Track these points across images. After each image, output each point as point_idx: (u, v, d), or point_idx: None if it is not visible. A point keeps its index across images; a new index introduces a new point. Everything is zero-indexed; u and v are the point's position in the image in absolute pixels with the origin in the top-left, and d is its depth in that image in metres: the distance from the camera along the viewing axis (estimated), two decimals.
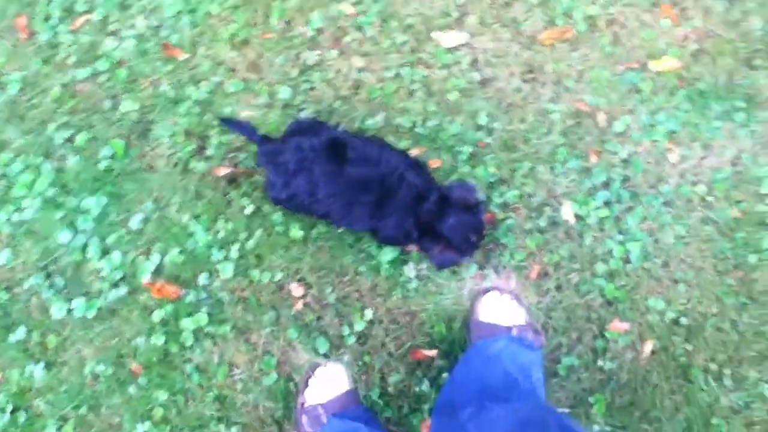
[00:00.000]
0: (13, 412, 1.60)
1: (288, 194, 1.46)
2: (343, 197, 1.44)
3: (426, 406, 1.61)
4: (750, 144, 1.76)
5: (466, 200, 1.44)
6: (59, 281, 1.61)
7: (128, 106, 1.69)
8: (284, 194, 1.47)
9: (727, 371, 1.67)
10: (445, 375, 1.64)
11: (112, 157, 1.67)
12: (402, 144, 1.70)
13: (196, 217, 1.66)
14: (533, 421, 1.16)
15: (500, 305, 1.59)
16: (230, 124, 1.62)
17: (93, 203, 1.63)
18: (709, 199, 1.74)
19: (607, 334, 1.66)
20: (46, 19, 1.74)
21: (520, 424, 1.15)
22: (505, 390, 1.37)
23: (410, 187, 1.45)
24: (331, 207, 1.46)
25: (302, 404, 1.58)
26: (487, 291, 1.64)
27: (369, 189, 1.44)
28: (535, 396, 1.44)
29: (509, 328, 1.54)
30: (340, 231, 1.66)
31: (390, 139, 1.71)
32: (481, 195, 1.48)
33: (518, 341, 1.49)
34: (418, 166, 1.51)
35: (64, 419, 1.60)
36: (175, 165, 1.67)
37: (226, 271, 1.62)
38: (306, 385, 1.59)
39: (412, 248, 1.62)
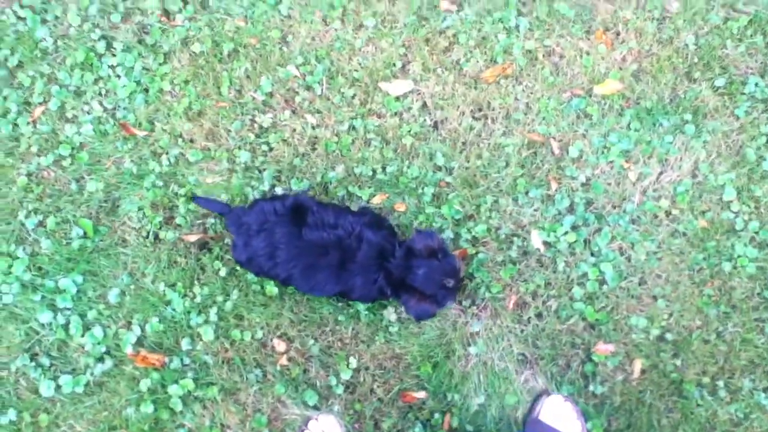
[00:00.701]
0: None
1: (248, 256, 1.50)
2: (304, 262, 1.47)
3: None
4: (704, 154, 1.80)
5: (430, 247, 1.45)
6: (45, 360, 1.61)
7: (94, 186, 1.72)
8: (244, 256, 1.51)
9: (720, 383, 1.64)
10: (437, 416, 1.60)
11: (84, 236, 1.68)
12: (365, 192, 1.72)
13: (172, 285, 1.67)
14: None
15: (562, 411, 1.62)
16: (201, 201, 1.69)
17: (69, 283, 1.66)
18: (675, 212, 1.76)
19: (594, 358, 1.64)
20: (4, 114, 1.81)
21: None
22: None
23: (370, 244, 1.47)
24: (291, 271, 1.49)
25: None
26: (550, 393, 1.65)
27: (328, 252, 1.47)
28: None
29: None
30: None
31: (353, 188, 1.73)
32: (441, 240, 1.51)
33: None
34: (376, 223, 1.54)
35: None
36: (146, 237, 1.69)
37: (207, 334, 1.62)
38: None
39: None
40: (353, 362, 1.63)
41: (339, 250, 1.44)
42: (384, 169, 1.78)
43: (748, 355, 1.67)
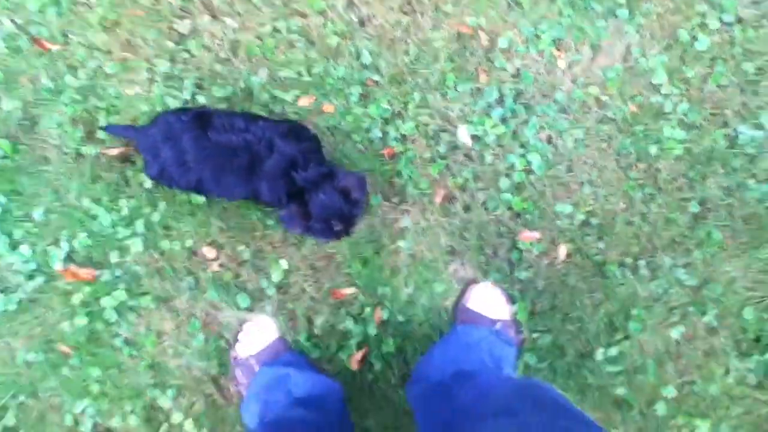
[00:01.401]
0: None
1: (158, 168, 1.49)
2: (213, 163, 1.46)
3: (352, 342, 1.64)
4: (637, 38, 1.76)
5: (347, 188, 1.43)
6: None
7: (10, 104, 1.68)
8: (155, 169, 1.50)
9: (642, 262, 1.69)
10: (367, 310, 1.65)
11: (4, 156, 1.64)
12: (290, 94, 1.68)
13: (97, 199, 1.66)
14: (526, 386, 1.16)
15: (490, 297, 1.65)
16: (111, 129, 1.66)
17: None
18: (604, 98, 1.74)
19: (520, 245, 1.67)
20: None
21: (512, 390, 1.16)
22: (481, 372, 1.42)
23: (281, 154, 1.46)
24: (201, 174, 1.47)
25: (235, 358, 1.63)
26: (478, 281, 1.69)
27: (237, 155, 1.45)
28: None
29: (494, 321, 1.61)
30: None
31: (277, 92, 1.69)
32: (364, 191, 1.49)
33: (498, 334, 1.55)
34: (294, 134, 1.50)
35: (4, 408, 1.66)
36: (67, 153, 1.66)
37: (136, 246, 1.63)
38: (236, 339, 1.65)
39: None
40: (284, 264, 1.65)
41: (248, 154, 1.43)
42: (309, 70, 1.73)
43: (670, 234, 1.71)
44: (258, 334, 1.63)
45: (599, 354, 1.69)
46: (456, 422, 1.26)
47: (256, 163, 1.45)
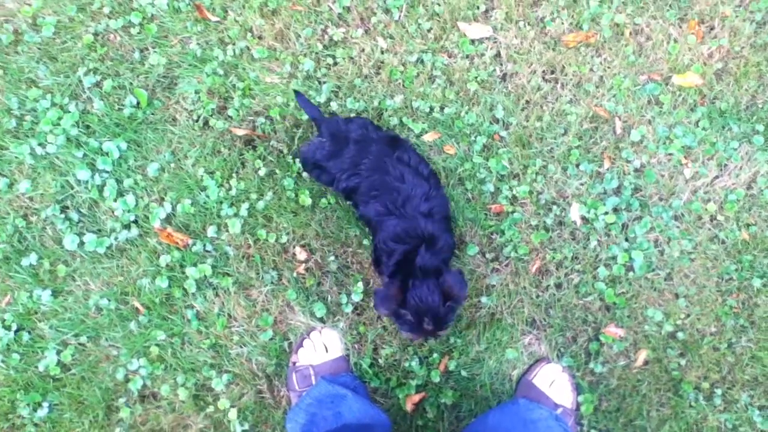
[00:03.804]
0: (17, 331, 1.71)
1: (331, 164, 1.55)
2: (382, 177, 1.50)
3: (413, 383, 1.61)
4: (767, 168, 1.73)
5: (452, 290, 1.43)
6: (74, 215, 1.66)
7: (156, 59, 1.73)
8: (329, 162, 1.55)
9: (718, 391, 1.64)
10: (435, 355, 1.64)
11: (137, 106, 1.70)
12: (418, 126, 1.70)
13: (211, 172, 1.69)
14: None
15: (558, 380, 1.66)
16: (301, 99, 1.70)
17: (114, 147, 1.68)
18: (720, 218, 1.72)
19: (601, 338, 1.65)
20: None
21: None
22: None
23: (433, 226, 1.49)
24: (364, 181, 1.51)
25: (294, 363, 1.65)
26: (550, 360, 1.70)
27: (395, 190, 1.49)
28: None
29: (556, 405, 1.62)
30: (348, 203, 1.66)
31: (407, 120, 1.71)
32: (464, 296, 1.46)
33: (558, 419, 1.55)
34: (447, 227, 1.56)
35: (64, 344, 1.69)
36: (196, 120, 1.71)
37: (235, 227, 1.64)
38: (300, 345, 1.68)
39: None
40: (366, 286, 1.64)
41: (403, 197, 1.48)
42: (442, 109, 1.77)
43: (753, 371, 1.67)
44: (323, 346, 1.61)
45: None
46: None
47: (401, 209, 1.48)
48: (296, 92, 1.70)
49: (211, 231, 1.72)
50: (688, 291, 1.75)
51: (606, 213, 1.78)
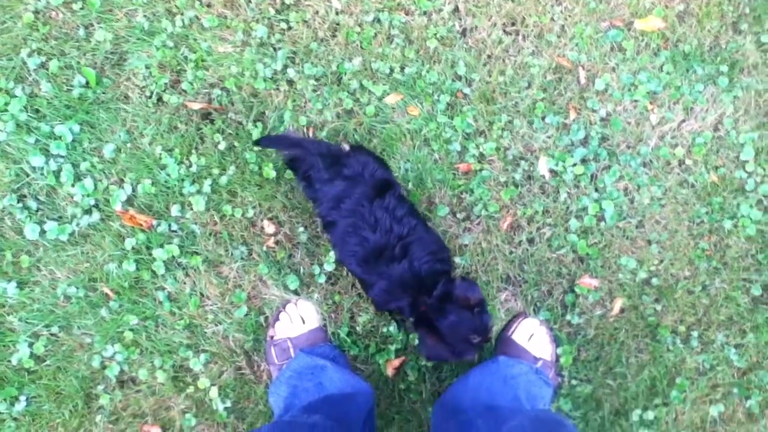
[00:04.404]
0: None
1: (324, 191, 1.48)
2: (354, 222, 1.44)
3: (392, 347, 1.60)
4: (732, 110, 1.73)
5: (467, 299, 1.41)
6: (32, 204, 1.61)
7: (102, 35, 1.66)
8: (324, 188, 1.48)
9: (694, 333, 1.66)
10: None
11: (86, 85, 1.64)
12: (379, 89, 1.65)
13: (169, 149, 1.64)
14: (545, 420, 1.13)
15: (537, 335, 1.66)
16: (272, 142, 1.65)
17: (66, 130, 1.64)
18: (688, 162, 1.71)
19: (576, 289, 1.64)
20: None
21: (530, 420, 1.13)
22: (511, 412, 1.40)
23: (411, 265, 1.42)
24: (340, 221, 1.46)
25: (272, 337, 1.65)
26: (527, 315, 1.69)
27: (376, 232, 1.43)
28: None
29: (536, 359, 1.61)
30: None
31: (367, 83, 1.65)
32: (481, 294, 1.43)
33: (538, 373, 1.55)
34: (436, 251, 1.49)
35: (35, 336, 1.65)
36: (149, 97, 1.65)
37: (199, 204, 1.60)
38: (277, 319, 1.66)
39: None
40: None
41: (385, 240, 1.42)
42: (403, 69, 1.72)
43: (727, 311, 1.68)
44: (299, 318, 1.59)
45: (635, 415, 1.66)
46: None
47: (383, 255, 1.43)
48: (259, 142, 1.64)
49: (174, 210, 1.68)
50: (660, 237, 1.75)
51: (574, 165, 1.76)
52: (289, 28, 1.79)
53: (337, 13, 1.79)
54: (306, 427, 1.33)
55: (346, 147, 1.60)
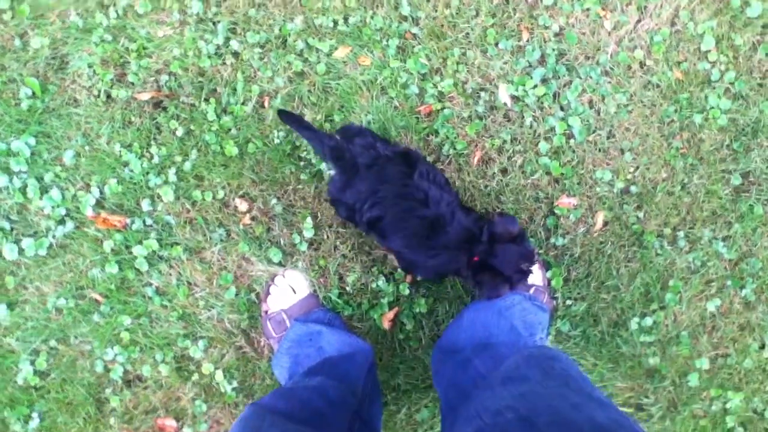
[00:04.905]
0: None
1: (346, 196, 1.45)
2: (402, 205, 1.41)
3: (385, 300, 1.60)
4: (686, 1, 1.68)
5: (510, 232, 1.42)
6: (5, 224, 1.63)
7: (39, 42, 1.63)
8: (344, 195, 1.45)
9: (680, 234, 1.65)
10: (400, 270, 1.60)
11: (33, 96, 1.60)
12: (326, 44, 1.61)
13: (128, 145, 1.63)
14: (539, 356, 1.14)
15: None
16: (289, 119, 1.58)
17: (23, 145, 1.63)
18: (649, 63, 1.68)
19: (557, 211, 1.63)
20: None
21: (524, 358, 1.13)
22: (508, 342, 1.44)
23: (462, 227, 1.44)
24: (386, 211, 1.42)
25: (266, 312, 1.66)
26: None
27: (429, 206, 1.41)
28: None
29: (528, 286, 1.60)
30: (276, 142, 1.60)
31: (313, 41, 1.62)
32: (519, 225, 1.45)
33: (531, 300, 1.56)
34: (465, 206, 1.52)
35: (35, 353, 1.69)
36: (97, 96, 1.63)
37: (168, 194, 1.60)
38: (268, 293, 1.68)
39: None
40: (315, 220, 1.61)
41: (437, 210, 1.41)
42: (346, 20, 1.68)
43: (710, 206, 1.67)
44: (289, 289, 1.60)
45: (633, 323, 1.66)
46: (471, 389, 1.24)
47: (438, 227, 1.43)
48: (281, 112, 1.59)
49: (145, 205, 1.67)
50: (632, 144, 1.73)
51: (535, 86, 1.73)
52: None
53: None
54: (307, 389, 1.34)
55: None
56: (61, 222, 1.68)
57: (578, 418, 0.92)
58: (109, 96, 1.71)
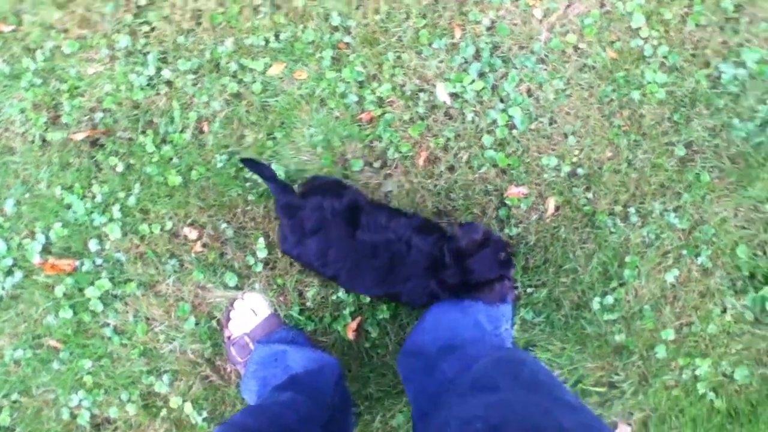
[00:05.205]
0: None
1: (298, 251, 1.47)
2: (352, 262, 1.45)
3: (346, 311, 1.60)
4: None
5: (475, 241, 1.43)
6: None
7: None
8: (295, 250, 1.47)
9: (632, 210, 1.68)
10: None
11: None
12: (260, 63, 1.60)
13: (69, 187, 1.62)
14: (508, 360, 1.13)
15: None
16: (252, 164, 1.57)
17: None
18: (582, 46, 1.71)
19: (507, 202, 1.64)
20: None
21: (493, 362, 1.13)
22: (474, 340, 1.44)
23: (420, 252, 1.44)
24: (339, 271, 1.46)
25: (229, 337, 1.66)
26: None
27: (378, 255, 1.43)
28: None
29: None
30: (220, 166, 1.58)
31: (246, 61, 1.61)
32: (482, 227, 1.46)
33: None
34: (426, 228, 1.49)
35: None
36: (32, 141, 1.59)
37: (114, 232, 1.59)
38: (228, 318, 1.67)
39: None
40: (267, 240, 1.60)
41: (389, 253, 1.42)
42: (277, 36, 1.68)
43: (658, 179, 1.69)
44: (250, 311, 1.59)
45: (595, 303, 1.67)
46: (440, 394, 1.24)
47: (396, 263, 1.43)
48: (242, 160, 1.58)
49: (93, 245, 1.65)
50: (574, 127, 1.75)
51: (472, 82, 1.74)
52: (152, 29, 1.73)
53: (195, 0, 1.73)
54: (276, 405, 1.34)
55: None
56: (9, 273, 1.65)
57: (547, 425, 0.92)
58: (44, 140, 1.68)
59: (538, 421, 0.94)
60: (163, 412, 1.67)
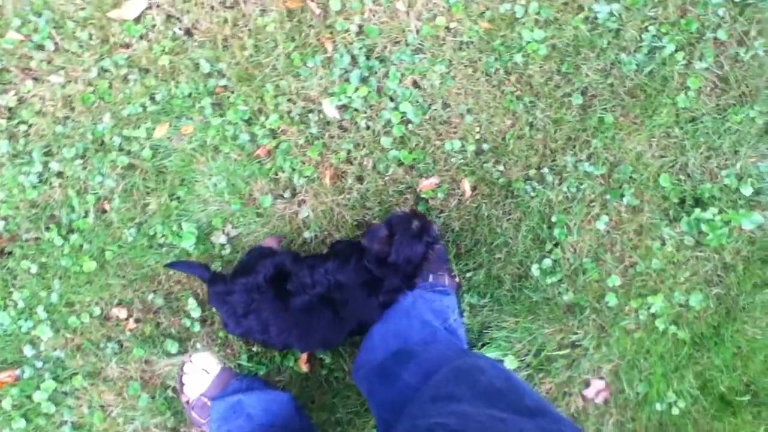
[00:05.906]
0: None
1: (241, 331, 1.47)
2: (297, 329, 1.45)
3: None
4: None
5: (381, 238, 1.44)
6: None
7: None
8: (238, 331, 1.48)
9: (545, 170, 1.68)
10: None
11: None
12: (142, 130, 1.60)
13: None
14: (466, 368, 1.13)
15: None
16: (179, 266, 1.61)
17: None
18: (454, 25, 1.71)
19: (423, 195, 1.63)
20: None
21: (452, 371, 1.12)
22: (425, 339, 1.44)
23: (352, 287, 1.45)
24: (287, 340, 1.47)
25: (187, 402, 1.66)
26: None
27: (316, 313, 1.44)
28: (456, 337, 1.54)
29: (426, 275, 1.61)
30: (131, 240, 1.57)
31: (128, 132, 1.60)
32: (388, 223, 1.46)
33: (433, 287, 1.56)
34: (343, 258, 1.48)
35: None
36: None
37: (45, 332, 1.60)
38: (182, 383, 1.67)
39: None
40: (198, 298, 1.58)
41: (326, 305, 1.43)
42: (153, 98, 1.67)
43: (563, 133, 1.69)
44: (201, 371, 1.58)
45: (534, 270, 1.67)
46: (403, 405, 1.22)
47: (339, 309, 1.45)
48: (168, 264, 1.61)
49: (28, 350, 1.64)
50: (468, 105, 1.75)
51: (356, 89, 1.74)
52: (29, 126, 1.73)
53: (62, 87, 1.72)
54: None
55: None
56: None
57: None
58: None
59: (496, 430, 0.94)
60: None
